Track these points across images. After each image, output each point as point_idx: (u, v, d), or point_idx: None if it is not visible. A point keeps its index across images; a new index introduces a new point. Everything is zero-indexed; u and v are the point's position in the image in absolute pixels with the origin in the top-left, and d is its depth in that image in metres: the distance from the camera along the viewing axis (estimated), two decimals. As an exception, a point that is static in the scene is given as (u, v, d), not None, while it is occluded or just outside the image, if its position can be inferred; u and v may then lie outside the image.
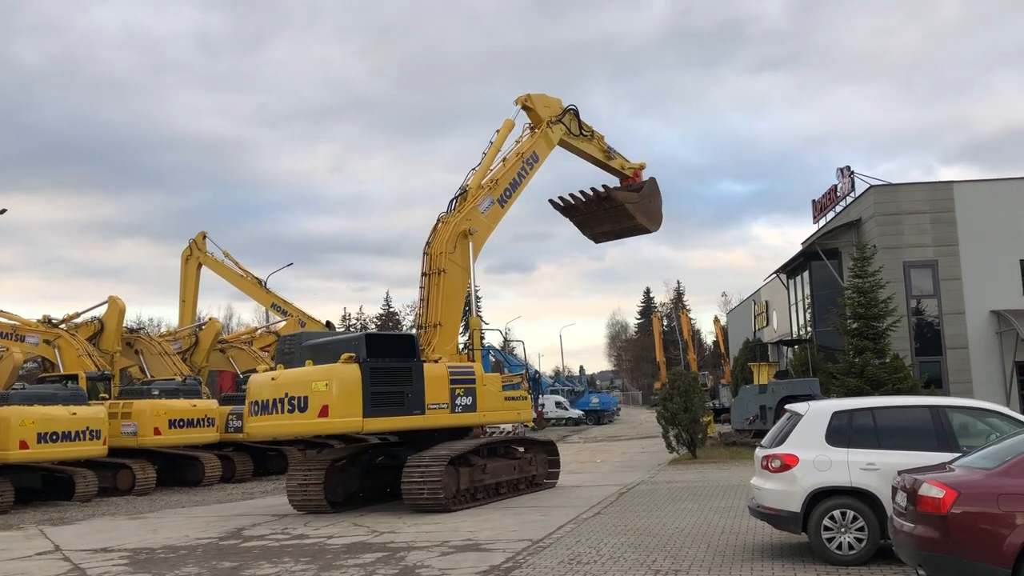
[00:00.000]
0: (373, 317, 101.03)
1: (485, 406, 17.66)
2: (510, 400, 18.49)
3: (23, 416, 19.02)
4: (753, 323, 49.56)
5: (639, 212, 22.56)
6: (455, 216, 19.07)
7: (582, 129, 22.07)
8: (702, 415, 25.16)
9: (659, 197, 23.35)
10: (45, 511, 19.14)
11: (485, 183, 19.78)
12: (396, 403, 16.02)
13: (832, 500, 9.67)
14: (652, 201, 23.07)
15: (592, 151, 22.55)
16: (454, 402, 17.01)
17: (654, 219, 23.10)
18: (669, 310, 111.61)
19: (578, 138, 22.04)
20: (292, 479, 16.88)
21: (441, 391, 16.79)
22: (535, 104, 21.29)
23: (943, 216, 30.91)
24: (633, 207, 22.49)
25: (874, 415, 10.08)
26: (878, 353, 26.71)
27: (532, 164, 20.87)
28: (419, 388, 16.35)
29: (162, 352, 28.43)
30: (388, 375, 15.97)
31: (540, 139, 21.15)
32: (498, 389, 18.29)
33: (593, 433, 48.18)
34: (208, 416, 24.28)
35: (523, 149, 20.73)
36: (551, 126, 21.28)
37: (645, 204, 22.80)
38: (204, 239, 36.40)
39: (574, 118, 21.88)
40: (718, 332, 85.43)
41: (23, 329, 25.14)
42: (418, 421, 16.51)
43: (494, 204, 19.93)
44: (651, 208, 23.02)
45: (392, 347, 16.59)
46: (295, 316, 35.54)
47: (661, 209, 23.37)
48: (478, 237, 19.33)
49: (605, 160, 22.78)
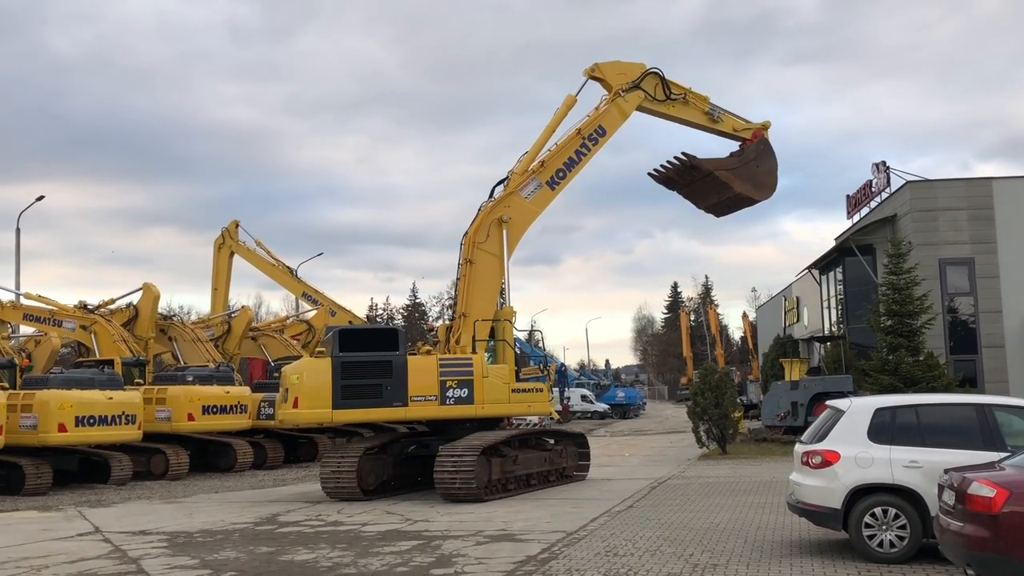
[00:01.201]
0: (400, 308, 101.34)
1: (486, 399, 17.00)
2: (519, 392, 17.51)
3: (62, 400, 19.29)
4: (783, 319, 49.17)
5: (738, 179, 19.94)
6: (490, 204, 18.79)
7: (670, 92, 19.81)
8: (732, 411, 25.03)
9: (770, 159, 20.29)
10: (82, 493, 19.42)
11: (534, 166, 18.91)
12: (372, 395, 16.51)
13: (874, 497, 9.57)
14: (759, 165, 20.14)
15: (687, 115, 20.19)
16: (444, 394, 16.86)
17: (761, 185, 20.23)
18: (697, 305, 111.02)
19: (664, 103, 19.82)
20: (326, 466, 17.00)
21: (428, 384, 16.80)
22: (605, 73, 19.71)
23: (981, 213, 30.46)
24: (728, 174, 19.90)
25: (918, 412, 9.96)
26: (912, 351, 26.41)
27: (596, 140, 19.34)
28: (400, 381, 16.60)
29: (195, 339, 28.69)
30: (361, 368, 16.50)
31: (609, 110, 19.51)
32: (504, 381, 17.41)
33: (619, 427, 48.10)
34: (241, 403, 24.51)
35: (584, 124, 19.37)
36: (623, 94, 19.50)
37: (748, 170, 20.02)
38: (237, 228, 36.65)
39: (658, 80, 19.74)
40: (746, 328, 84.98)
41: (60, 314, 25.52)
42: (399, 413, 17.10)
43: (541, 187, 19.00)
44: (757, 174, 20.12)
45: (371, 341, 17.13)
46: (326, 305, 35.75)
47: (774, 173, 20.34)
48: (517, 224, 18.74)
49: (709, 124, 20.30)
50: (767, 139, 20.13)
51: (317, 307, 36.37)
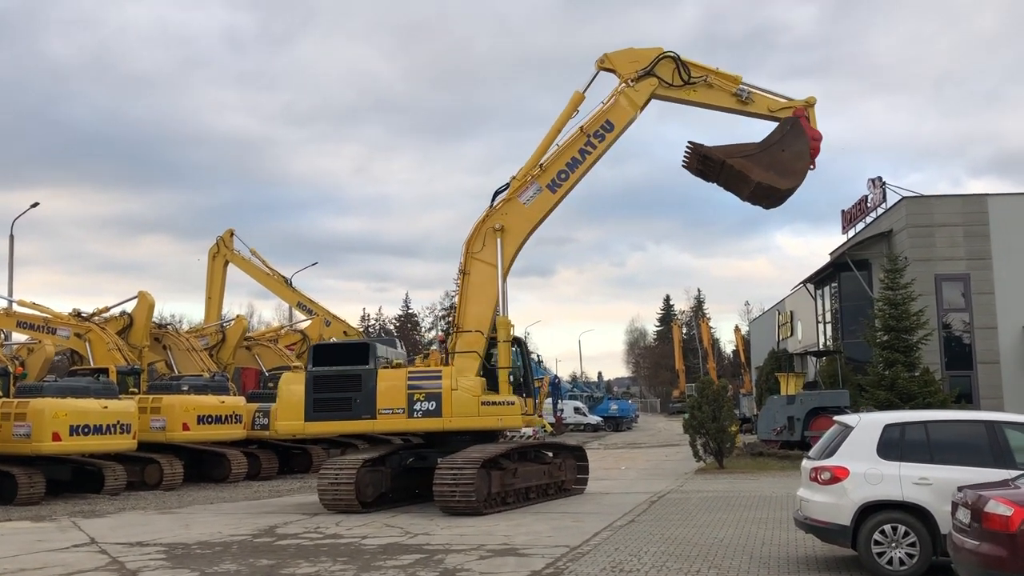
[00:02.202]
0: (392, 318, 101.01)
1: (455, 412, 16.81)
2: (488, 405, 17.02)
3: (57, 408, 19.11)
4: (777, 333, 49.20)
5: (756, 167, 17.69)
6: (486, 211, 18.23)
7: (690, 75, 17.98)
8: (730, 424, 24.96)
9: (799, 142, 17.69)
10: (75, 503, 19.21)
11: (534, 171, 18.05)
12: (343, 408, 17.02)
13: (883, 514, 9.52)
14: (785, 148, 17.72)
15: (711, 99, 18.22)
16: (412, 407, 16.91)
17: (786, 172, 17.69)
18: (689, 318, 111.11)
19: (683, 88, 18.03)
20: (324, 478, 16.84)
21: (396, 397, 17.00)
22: (615, 63, 18.28)
23: (977, 229, 30.58)
24: (744, 162, 17.77)
25: (927, 429, 9.92)
26: (908, 366, 26.44)
27: (602, 136, 17.99)
28: (370, 394, 16.96)
29: (190, 348, 28.53)
30: (333, 382, 17.11)
31: (617, 102, 18.13)
32: (474, 394, 16.92)
33: (613, 440, 47.98)
34: (236, 413, 24.35)
35: (588, 121, 18.12)
36: (633, 84, 18.05)
37: (771, 155, 17.70)
38: (232, 237, 36.49)
39: (673, 65, 18.04)
40: (738, 341, 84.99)
41: (55, 322, 25.31)
42: (366, 426, 17.50)
43: (541, 191, 18.03)
44: (781, 159, 17.68)
45: (343, 355, 17.72)
46: (321, 315, 35.62)
47: (804, 158, 17.69)
48: (512, 232, 17.99)
49: (738, 107, 18.12)
50: (797, 119, 17.75)
51: (312, 317, 36.24)
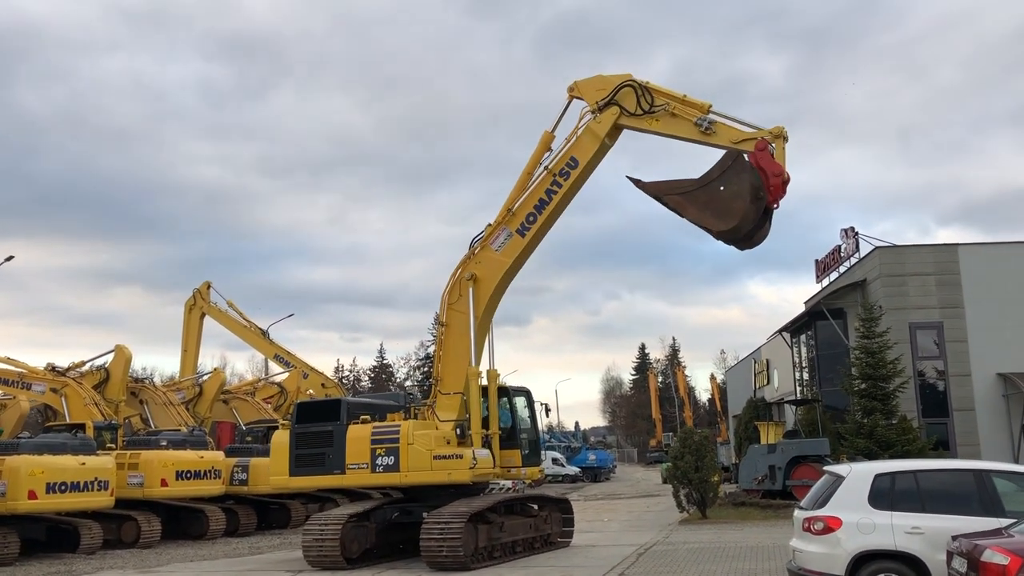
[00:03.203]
0: (367, 369, 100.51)
1: (409, 466, 16.73)
2: (439, 459, 16.64)
3: (33, 466, 18.75)
4: (753, 381, 49.46)
5: (692, 205, 15.99)
6: (461, 260, 18.02)
7: (652, 104, 16.69)
8: (712, 474, 24.98)
9: (740, 180, 15.56)
10: (51, 563, 18.75)
11: (506, 215, 17.66)
12: (318, 463, 17.65)
13: (877, 563, 9.60)
14: (724, 187, 15.68)
15: (673, 129, 16.61)
16: (374, 462, 17.07)
17: (722, 213, 15.66)
18: (664, 367, 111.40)
19: (644, 117, 16.77)
20: (308, 534, 16.61)
21: (362, 451, 17.17)
22: (583, 91, 17.36)
23: (948, 278, 31.15)
24: (679, 199, 16.16)
25: (917, 478, 10.06)
26: (886, 414, 26.72)
27: (567, 174, 17.18)
28: (340, 449, 17.39)
29: (167, 402, 28.21)
30: (310, 438, 17.80)
31: (580, 137, 17.29)
32: (427, 448, 16.69)
33: (592, 491, 47.68)
34: (215, 468, 24.00)
35: (554, 160, 17.44)
36: (595, 115, 17.19)
37: (708, 192, 15.80)
38: (208, 289, 36.39)
39: (632, 93, 16.86)
40: (714, 389, 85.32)
41: (30, 377, 24.97)
42: (336, 480, 17.87)
43: (512, 237, 17.55)
44: (718, 198, 15.71)
45: (320, 412, 18.33)
46: (298, 367, 35.41)
47: (743, 197, 15.43)
48: (485, 279, 17.63)
49: (701, 138, 16.33)
50: (739, 153, 15.78)
51: (289, 369, 36.01)
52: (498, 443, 17.82)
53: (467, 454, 16.69)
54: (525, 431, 19.25)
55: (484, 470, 17.08)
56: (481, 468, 16.90)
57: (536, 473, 19.88)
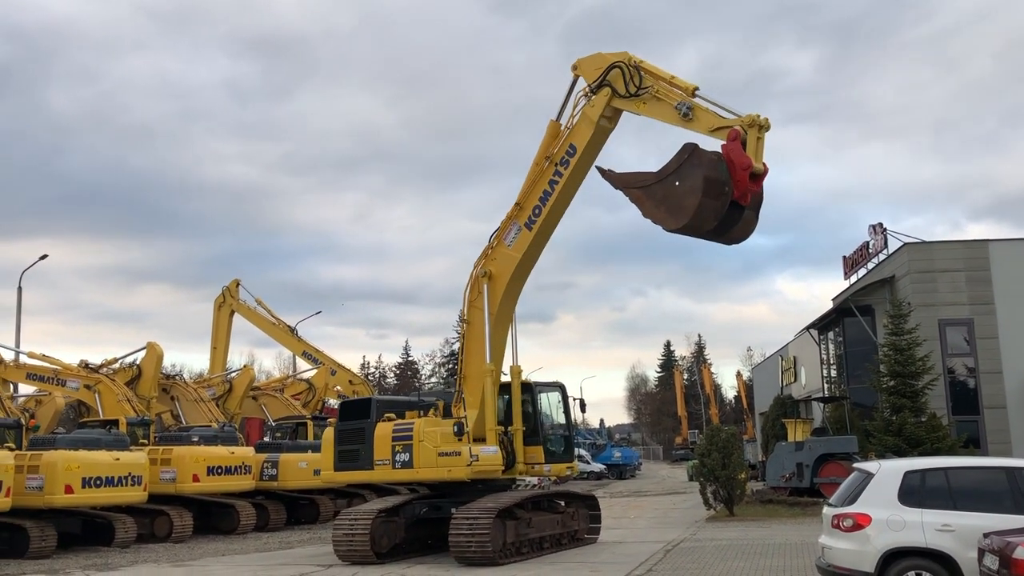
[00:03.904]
0: (392, 366, 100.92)
1: (421, 462, 17.21)
2: (444, 456, 16.99)
3: (69, 461, 19.12)
4: (780, 379, 49.24)
5: (649, 200, 14.87)
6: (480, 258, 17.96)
7: (640, 85, 15.60)
8: (740, 471, 24.94)
9: (695, 174, 14.09)
10: (87, 556, 19.11)
11: (515, 209, 17.33)
12: (354, 459, 18.33)
13: (907, 561, 9.60)
14: (680, 180, 14.29)
15: (657, 113, 15.61)
16: (394, 459, 17.57)
17: (676, 209, 14.38)
18: (690, 364, 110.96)
19: (632, 100, 15.76)
20: (338, 529, 16.82)
21: (385, 448, 17.70)
22: (583, 70, 16.48)
23: (979, 275, 30.83)
24: (638, 193, 15.10)
25: (947, 475, 10.04)
26: (915, 411, 26.53)
27: (567, 163, 16.54)
28: (369, 446, 17.99)
29: (197, 399, 28.55)
30: (348, 435, 18.60)
31: (577, 123, 16.51)
32: (433, 445, 17.08)
33: (618, 488, 47.65)
34: (245, 463, 24.29)
35: (556, 148, 16.83)
36: (589, 97, 16.37)
37: (665, 187, 14.51)
38: (237, 287, 36.84)
39: (620, 74, 15.88)
40: (740, 387, 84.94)
41: (64, 374, 25.39)
42: (365, 476, 18.61)
43: (521, 231, 17.23)
44: (674, 193, 14.38)
45: (356, 411, 19.24)
46: (326, 364, 35.73)
47: (696, 194, 13.98)
48: (498, 275, 17.42)
49: (682, 124, 15.18)
50: (695, 146, 14.42)
51: (317, 366, 36.34)
52: (521, 440, 17.89)
53: (465, 451, 16.94)
54: (557, 427, 19.27)
55: (486, 467, 17.02)
56: (482, 465, 16.93)
57: (563, 470, 19.79)
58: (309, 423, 28.84)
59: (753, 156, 14.09)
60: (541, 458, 18.60)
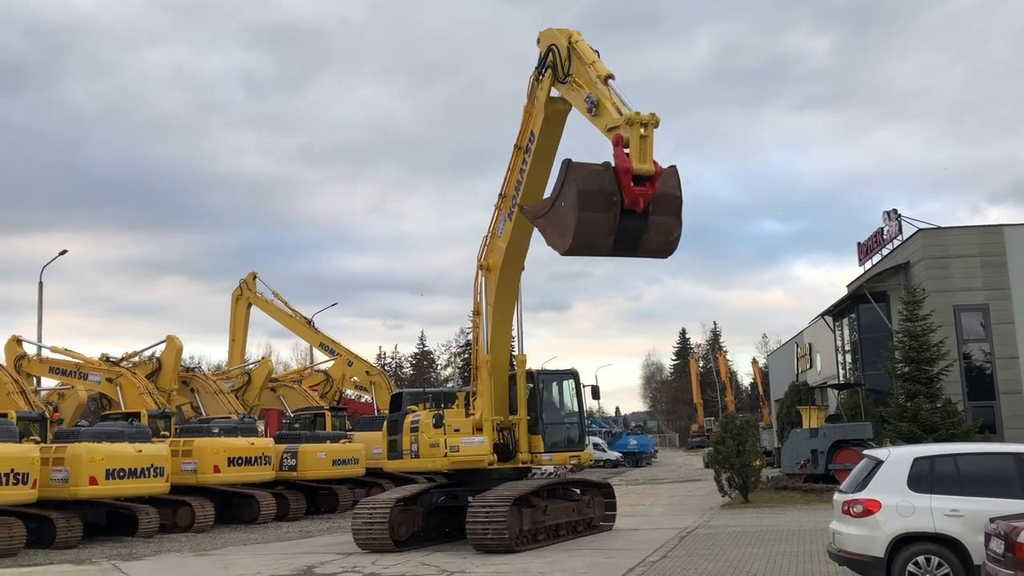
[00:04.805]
0: (408, 356, 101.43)
1: (423, 452, 18.09)
2: (432, 447, 17.56)
3: (93, 453, 19.47)
4: (796, 365, 49.26)
5: (548, 227, 13.74)
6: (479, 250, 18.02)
7: (567, 72, 14.54)
8: (754, 459, 25.08)
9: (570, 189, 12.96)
10: (112, 546, 19.50)
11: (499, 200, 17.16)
12: (395, 449, 19.42)
13: (916, 546, 9.75)
14: (564, 201, 13.10)
15: (574, 102, 14.55)
16: (412, 449, 18.53)
17: (562, 231, 13.21)
18: (705, 351, 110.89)
19: (565, 86, 14.70)
20: (358, 517, 17.12)
21: (408, 439, 18.74)
22: (542, 47, 15.40)
23: (994, 260, 30.76)
24: (542, 221, 14.00)
25: (956, 461, 10.17)
26: (930, 397, 26.55)
27: (529, 149, 15.97)
28: (400, 436, 19.10)
29: (217, 390, 28.97)
30: (392, 426, 19.91)
31: (533, 109, 15.84)
32: (428, 436, 17.69)
33: (633, 476, 47.86)
34: (265, 454, 24.63)
35: (519, 135, 16.30)
36: (538, 81, 15.51)
37: (555, 210, 13.40)
38: (254, 279, 37.24)
39: (556, 57, 14.85)
40: (756, 374, 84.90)
41: (86, 367, 25.83)
42: (397, 464, 19.68)
43: (506, 221, 16.99)
44: (558, 216, 13.31)
45: (394, 404, 21.18)
46: (343, 355, 36.10)
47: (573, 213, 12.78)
48: (495, 268, 17.33)
49: (588, 118, 13.97)
50: (568, 160, 13.23)
51: (334, 357, 36.72)
52: (525, 429, 17.87)
53: (441, 442, 17.46)
54: (570, 415, 19.36)
55: (466, 458, 17.22)
56: (462, 456, 17.21)
57: (567, 459, 19.37)
58: (327, 414, 29.20)
59: (637, 157, 12.68)
60: (540, 447, 18.10)
